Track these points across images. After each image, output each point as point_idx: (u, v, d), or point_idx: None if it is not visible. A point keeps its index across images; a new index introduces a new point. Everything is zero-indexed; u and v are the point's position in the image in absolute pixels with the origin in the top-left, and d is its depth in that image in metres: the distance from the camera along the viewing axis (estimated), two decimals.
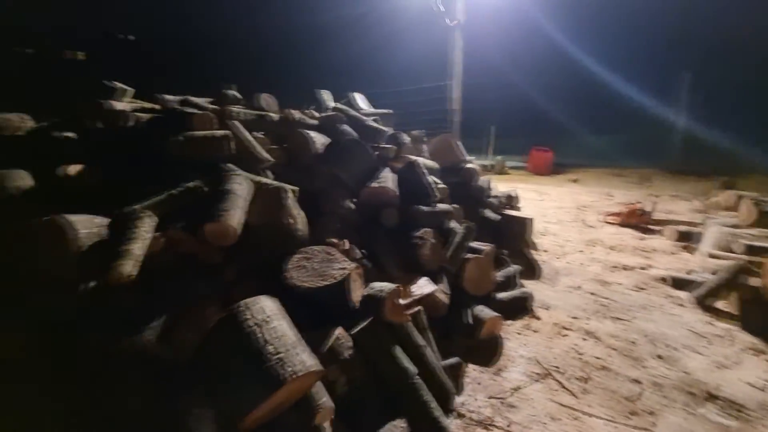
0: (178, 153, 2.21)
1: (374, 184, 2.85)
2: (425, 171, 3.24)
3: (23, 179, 1.87)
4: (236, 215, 1.92)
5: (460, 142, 4.23)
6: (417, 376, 1.97)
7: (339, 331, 1.88)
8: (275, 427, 1.49)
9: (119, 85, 2.93)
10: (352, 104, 4.12)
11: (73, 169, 1.94)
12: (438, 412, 1.90)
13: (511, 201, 4.78)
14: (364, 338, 1.95)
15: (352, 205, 2.73)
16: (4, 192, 1.77)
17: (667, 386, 2.27)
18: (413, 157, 3.41)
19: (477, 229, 3.47)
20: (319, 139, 2.93)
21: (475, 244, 3.28)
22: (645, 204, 5.52)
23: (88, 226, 1.61)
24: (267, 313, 1.54)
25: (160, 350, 1.50)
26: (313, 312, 1.96)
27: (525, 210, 5.03)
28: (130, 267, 1.53)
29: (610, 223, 5.43)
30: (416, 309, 2.31)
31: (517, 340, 2.73)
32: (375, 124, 3.50)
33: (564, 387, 2.26)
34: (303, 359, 1.43)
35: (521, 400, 2.16)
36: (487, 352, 2.58)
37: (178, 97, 2.96)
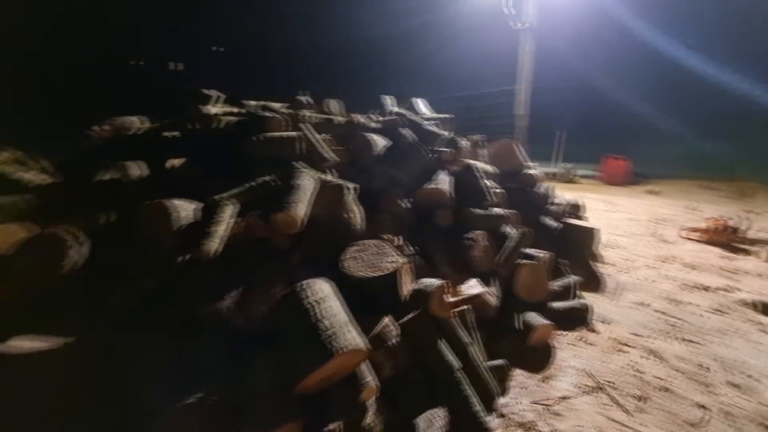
0: (256, 151, 2.52)
1: (429, 186, 2.96)
2: (481, 175, 3.27)
3: (140, 169, 2.31)
4: (302, 207, 2.15)
5: (521, 148, 4.17)
6: (460, 371, 2.04)
7: (387, 320, 2.03)
8: (327, 397, 1.67)
9: (212, 92, 3.38)
10: (414, 109, 4.26)
11: (176, 162, 2.33)
12: (478, 407, 1.94)
13: (575, 210, 4.57)
14: (411, 329, 2.07)
15: (408, 205, 2.86)
16: (126, 178, 2.20)
17: (740, 417, 2.07)
18: (470, 161, 3.46)
19: (535, 237, 3.41)
20: (380, 142, 3.10)
21: (530, 251, 3.23)
22: (737, 220, 4.92)
23: (185, 209, 1.94)
24: (323, 293, 1.73)
25: (235, 317, 1.76)
26: (365, 301, 2.12)
27: (591, 220, 4.77)
28: (214, 245, 1.82)
29: (691, 239, 4.93)
30: (463, 307, 2.38)
31: (570, 351, 2.65)
32: (434, 128, 3.60)
33: (617, 402, 2.17)
34: (352, 337, 1.60)
35: (568, 410, 2.12)
36: (536, 359, 2.55)
37: (258, 102, 3.34)
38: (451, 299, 2.39)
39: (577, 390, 2.27)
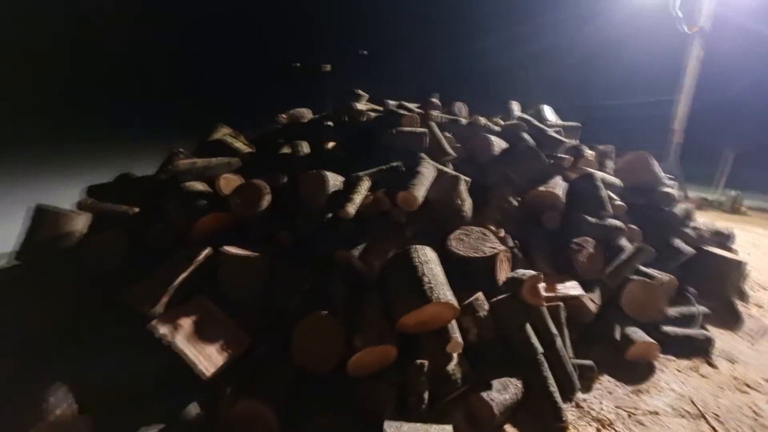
0: (390, 141, 3.05)
1: (542, 188, 3.08)
2: (601, 185, 3.22)
3: (305, 148, 3.08)
4: (421, 190, 2.58)
5: (656, 163, 3.86)
6: (542, 355, 2.19)
7: (479, 294, 2.32)
8: (419, 340, 2.06)
9: (359, 91, 4.08)
10: (540, 115, 4.32)
11: (330, 145, 3.03)
12: (554, 388, 2.08)
13: (720, 238, 4.01)
14: (500, 308, 2.31)
15: (516, 203, 3.04)
16: (297, 153, 2.98)
17: None
18: (590, 170, 3.42)
19: (663, 259, 3.22)
20: (499, 143, 3.34)
21: (649, 270, 3.08)
22: None
23: (335, 180, 2.56)
24: (428, 257, 2.13)
25: (358, 265, 2.29)
26: (463, 279, 2.42)
27: (747, 256, 4.09)
28: (352, 209, 2.38)
29: None
30: (556, 303, 2.49)
31: (675, 376, 2.51)
32: (556, 135, 3.64)
33: None
34: (447, 293, 1.96)
35: (654, 423, 2.09)
36: (631, 372, 2.49)
37: (396, 102, 3.91)
38: (546, 293, 2.53)
39: (671, 410, 2.20)
